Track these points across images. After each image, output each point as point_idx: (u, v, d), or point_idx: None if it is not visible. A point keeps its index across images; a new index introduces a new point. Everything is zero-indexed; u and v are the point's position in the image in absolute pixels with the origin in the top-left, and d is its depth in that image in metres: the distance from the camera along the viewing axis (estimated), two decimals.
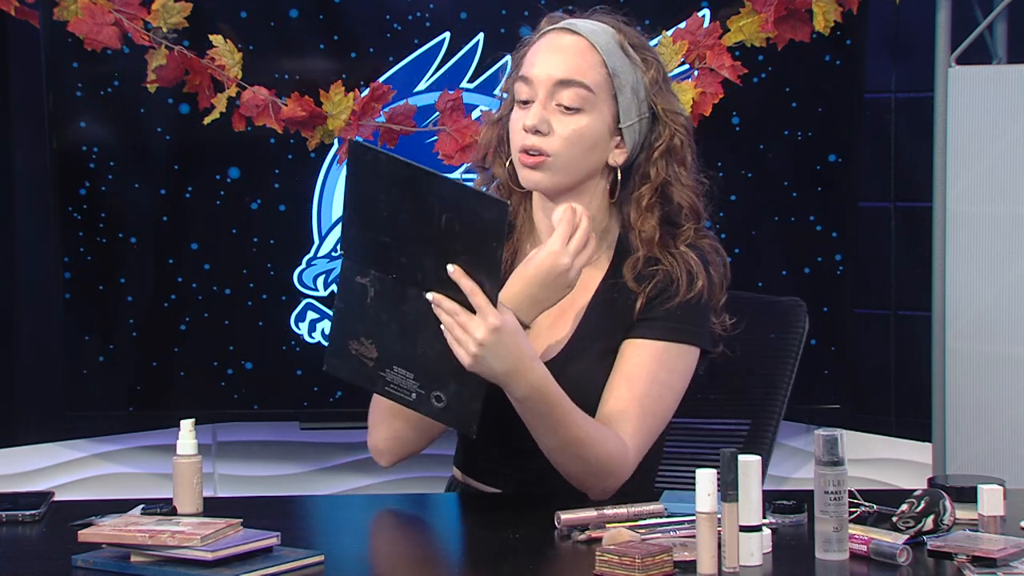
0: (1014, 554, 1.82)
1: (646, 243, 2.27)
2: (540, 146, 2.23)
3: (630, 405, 2.20)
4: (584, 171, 2.27)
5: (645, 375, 2.22)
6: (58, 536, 2.05)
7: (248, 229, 3.60)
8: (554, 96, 2.24)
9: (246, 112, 3.23)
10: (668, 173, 2.29)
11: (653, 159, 2.29)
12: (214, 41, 3.22)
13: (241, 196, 3.59)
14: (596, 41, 2.26)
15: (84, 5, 3.15)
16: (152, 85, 3.23)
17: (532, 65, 2.26)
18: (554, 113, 2.24)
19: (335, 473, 3.79)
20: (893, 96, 3.73)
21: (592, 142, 2.26)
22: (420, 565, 1.93)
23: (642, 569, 1.76)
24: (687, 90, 3.17)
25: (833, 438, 1.84)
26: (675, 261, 2.26)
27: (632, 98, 2.27)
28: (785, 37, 3.22)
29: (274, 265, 3.61)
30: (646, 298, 2.24)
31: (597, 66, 2.25)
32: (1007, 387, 3.28)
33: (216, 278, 3.60)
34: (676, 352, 2.24)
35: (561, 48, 2.26)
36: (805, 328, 2.58)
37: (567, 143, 2.24)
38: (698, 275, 2.25)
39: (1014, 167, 3.27)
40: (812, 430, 3.52)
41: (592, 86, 2.24)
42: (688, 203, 2.30)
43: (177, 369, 3.63)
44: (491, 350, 2.02)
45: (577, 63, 2.24)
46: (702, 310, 2.26)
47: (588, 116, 2.24)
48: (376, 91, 3.27)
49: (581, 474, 2.16)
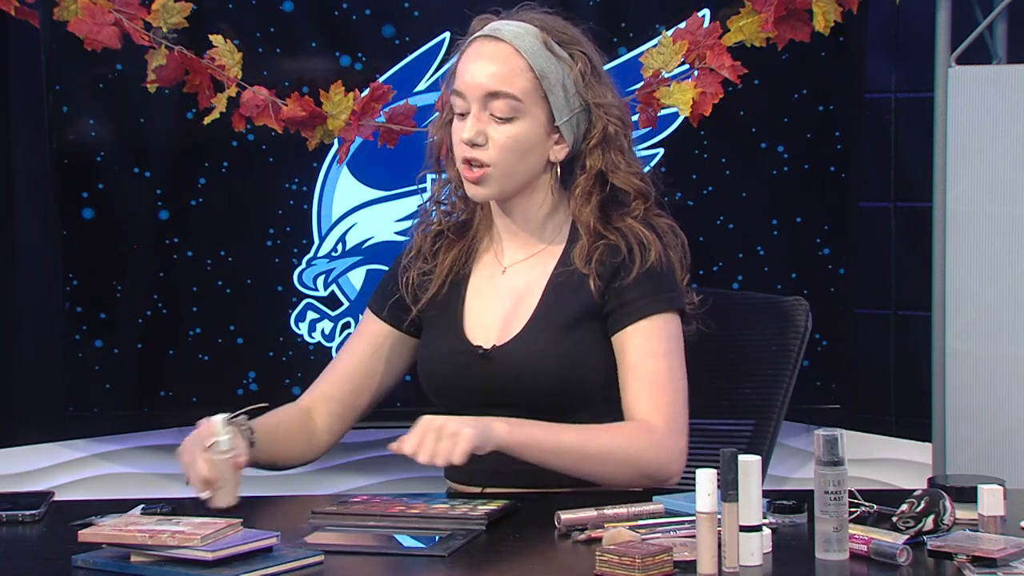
0: (1014, 554, 1.82)
1: (585, 229, 2.34)
2: (478, 157, 2.29)
3: (642, 389, 2.27)
4: (525, 174, 2.33)
5: (645, 355, 2.28)
6: (58, 536, 2.05)
7: (248, 229, 3.60)
8: (486, 107, 2.30)
9: (246, 112, 3.23)
10: (605, 162, 2.35)
11: (589, 149, 2.35)
12: (214, 41, 3.22)
13: (241, 196, 3.59)
14: (520, 45, 2.30)
15: (84, 5, 3.15)
16: (152, 85, 3.23)
17: (462, 76, 2.31)
18: (488, 123, 2.30)
19: (335, 473, 3.78)
20: (893, 96, 3.73)
21: (528, 146, 2.32)
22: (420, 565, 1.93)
23: (642, 569, 1.76)
24: (687, 90, 3.16)
25: (833, 438, 1.84)
26: (620, 235, 2.32)
27: (563, 95, 2.32)
28: (785, 37, 3.22)
29: (274, 265, 3.61)
30: (598, 276, 2.30)
31: (523, 72, 2.30)
32: (1007, 387, 3.28)
33: (216, 278, 3.61)
34: (659, 323, 2.30)
35: (486, 57, 2.30)
36: (807, 328, 2.58)
37: (504, 151, 2.30)
38: (651, 244, 2.31)
39: (1014, 167, 3.27)
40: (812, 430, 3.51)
41: (520, 95, 2.29)
42: (633, 187, 2.36)
43: (177, 369, 3.63)
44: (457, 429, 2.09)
45: (503, 72, 2.29)
46: (666, 276, 2.32)
47: (521, 122, 2.30)
48: (376, 91, 3.27)
49: (630, 478, 2.23)
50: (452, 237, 2.43)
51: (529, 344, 2.31)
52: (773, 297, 2.69)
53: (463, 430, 2.10)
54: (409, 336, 2.44)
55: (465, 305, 2.39)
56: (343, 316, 3.61)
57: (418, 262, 2.42)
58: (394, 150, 3.31)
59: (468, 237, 2.43)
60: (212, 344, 3.61)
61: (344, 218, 3.62)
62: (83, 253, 3.59)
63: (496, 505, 2.09)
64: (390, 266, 2.48)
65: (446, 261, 2.41)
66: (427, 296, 2.40)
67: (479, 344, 2.34)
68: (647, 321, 2.29)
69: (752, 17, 3.22)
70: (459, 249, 2.42)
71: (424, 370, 2.40)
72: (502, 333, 2.34)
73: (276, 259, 3.61)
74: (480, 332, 2.36)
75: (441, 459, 2.09)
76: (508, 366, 2.31)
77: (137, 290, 3.61)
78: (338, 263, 3.62)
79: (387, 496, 2.17)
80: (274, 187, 3.60)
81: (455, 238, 2.43)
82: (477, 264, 2.42)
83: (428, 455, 2.09)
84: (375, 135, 3.28)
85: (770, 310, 2.64)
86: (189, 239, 3.61)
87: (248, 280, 3.61)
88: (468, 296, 2.39)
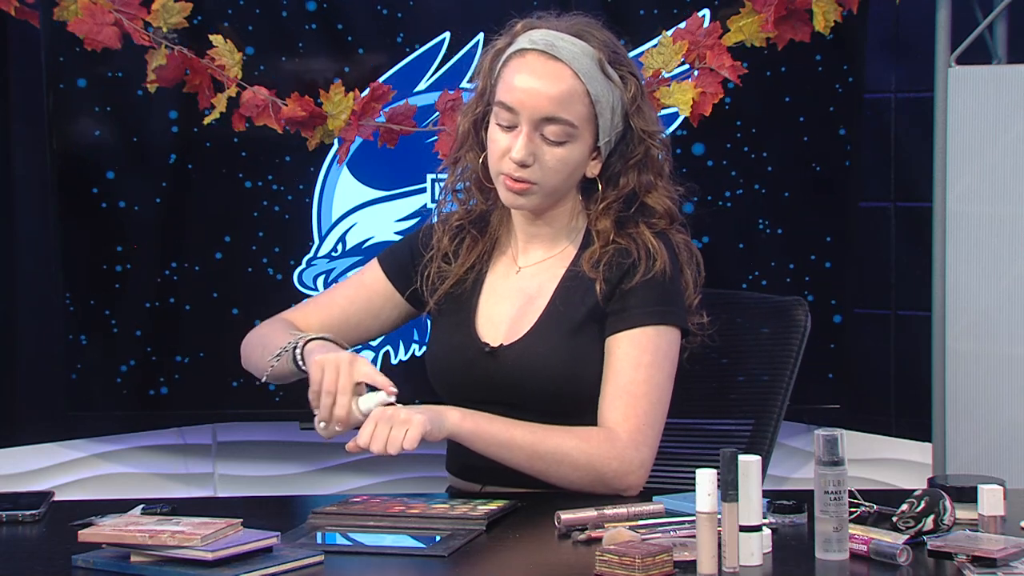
0: (1014, 554, 1.82)
1: (603, 238, 2.34)
2: (526, 176, 2.29)
3: (617, 398, 2.26)
4: (564, 191, 2.35)
5: (627, 364, 2.27)
6: (58, 536, 2.05)
7: (248, 229, 3.60)
8: (538, 127, 2.28)
9: (246, 112, 3.23)
10: (641, 183, 2.35)
11: (627, 169, 2.35)
12: (214, 41, 3.22)
13: (241, 196, 3.59)
14: (579, 68, 2.28)
15: (84, 5, 3.15)
16: (152, 85, 3.23)
17: (514, 92, 2.28)
18: (539, 144, 2.28)
19: (335, 473, 3.79)
20: (893, 96, 3.73)
21: (576, 167, 2.33)
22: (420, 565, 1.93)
23: (642, 569, 1.76)
24: (687, 90, 3.16)
25: (833, 438, 1.84)
26: (631, 240, 2.33)
27: (610, 117, 2.32)
28: (785, 37, 3.22)
29: (274, 265, 3.61)
30: (605, 281, 2.31)
31: (581, 97, 2.29)
32: (1007, 387, 3.28)
33: (216, 278, 3.60)
34: (653, 334, 2.28)
35: (546, 77, 2.27)
36: (807, 327, 2.58)
37: (553, 173, 2.30)
38: (657, 254, 2.31)
39: (1014, 167, 3.27)
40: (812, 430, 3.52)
41: (576, 121, 2.29)
42: (663, 207, 2.37)
43: (177, 369, 3.63)
44: (408, 417, 2.11)
45: (561, 97, 2.27)
46: (670, 290, 2.32)
47: (572, 146, 2.31)
48: (376, 91, 3.27)
49: (584, 483, 2.22)
50: (474, 233, 2.44)
51: (535, 345, 2.31)
52: (772, 297, 2.70)
53: (413, 416, 2.11)
54: (407, 304, 2.47)
55: (479, 302, 2.40)
56: None
57: (438, 260, 2.44)
58: (394, 150, 3.31)
59: (488, 235, 2.44)
60: (212, 344, 3.60)
61: (344, 218, 3.62)
62: (83, 253, 3.59)
63: (496, 505, 2.09)
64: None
65: (468, 259, 2.42)
66: (443, 289, 2.41)
67: (487, 341, 2.35)
68: (639, 331, 2.29)
69: (752, 17, 3.22)
70: (481, 248, 2.42)
71: (432, 363, 2.43)
72: (510, 333, 2.34)
73: (276, 259, 3.61)
74: (490, 330, 2.37)
75: (393, 447, 2.09)
76: (512, 366, 2.31)
77: (137, 290, 3.61)
78: (338, 263, 3.62)
79: (387, 496, 2.17)
80: (274, 187, 3.59)
81: (477, 234, 2.44)
82: (494, 263, 2.43)
83: (380, 445, 2.09)
84: (375, 135, 3.28)
85: (769, 310, 2.64)
86: (189, 239, 3.61)
87: (248, 280, 3.61)
88: (483, 294, 2.40)
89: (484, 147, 2.36)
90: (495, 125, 2.31)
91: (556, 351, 2.30)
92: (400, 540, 1.99)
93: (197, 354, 3.62)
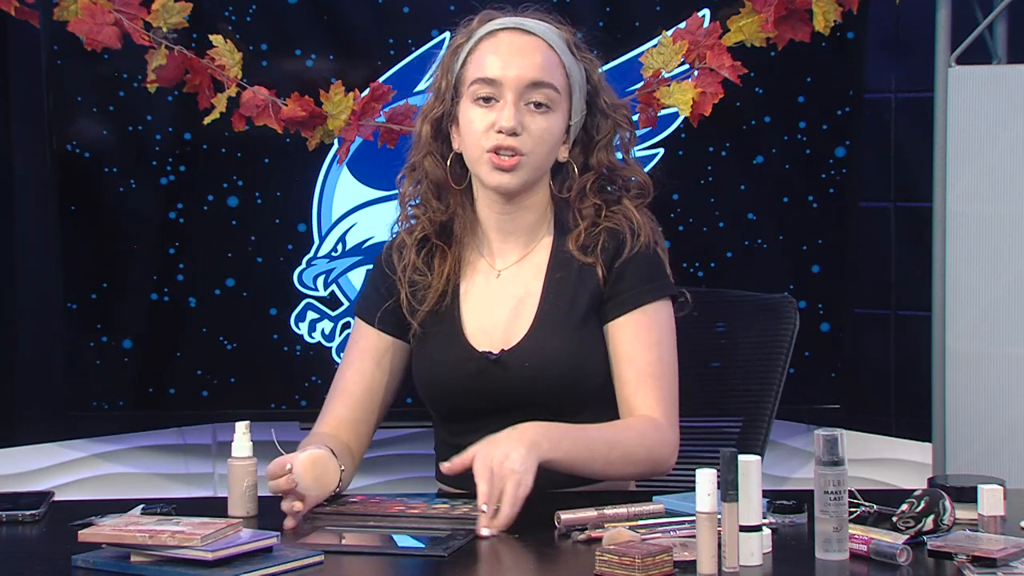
0: (1014, 554, 1.82)
1: (586, 219, 2.35)
2: (516, 146, 2.29)
3: (641, 383, 2.28)
4: (544, 169, 2.36)
5: (640, 347, 2.29)
6: (58, 536, 2.05)
7: (248, 229, 3.60)
8: (523, 96, 2.29)
9: (246, 112, 3.23)
10: (611, 160, 2.38)
11: (596, 150, 2.38)
12: (214, 41, 3.21)
13: (241, 196, 3.59)
14: (552, 42, 2.33)
15: (84, 5, 3.14)
16: (152, 85, 3.23)
17: (494, 66, 2.30)
18: (525, 112, 2.29)
19: None
20: (893, 96, 3.73)
21: (556, 139, 2.34)
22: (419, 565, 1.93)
23: (642, 569, 1.76)
24: (687, 90, 3.16)
25: (833, 438, 1.84)
26: (619, 218, 2.35)
27: (579, 96, 2.35)
28: (785, 37, 3.22)
29: (274, 265, 3.61)
30: (605, 265, 2.32)
31: (559, 67, 2.33)
32: (1007, 387, 3.28)
33: (216, 278, 3.60)
34: (652, 311, 2.31)
35: (523, 49, 2.31)
36: (796, 325, 2.59)
37: (539, 141, 2.31)
38: (640, 228, 2.34)
39: (1014, 167, 3.27)
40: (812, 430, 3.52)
41: (559, 87, 2.32)
42: (642, 179, 2.40)
43: (177, 369, 3.63)
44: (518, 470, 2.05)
45: (544, 63, 2.31)
46: (656, 262, 2.35)
47: (554, 115, 2.33)
48: (376, 91, 3.27)
49: (639, 473, 2.27)
50: (440, 244, 2.41)
51: (540, 344, 2.30)
52: (761, 295, 2.71)
53: (524, 478, 2.05)
54: (407, 343, 2.42)
55: (462, 313, 2.38)
56: (343, 316, 3.61)
57: (410, 274, 2.40)
58: (394, 150, 3.31)
59: (456, 245, 2.41)
60: (212, 344, 3.60)
61: (344, 218, 3.62)
62: (83, 253, 3.58)
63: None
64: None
65: (442, 272, 2.39)
66: (425, 308, 2.37)
67: (486, 350, 2.33)
68: (639, 311, 2.31)
69: (752, 17, 3.21)
70: (452, 258, 2.40)
71: (427, 378, 2.38)
72: (507, 338, 2.33)
73: (276, 259, 3.61)
74: (482, 338, 2.35)
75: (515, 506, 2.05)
76: (522, 369, 2.30)
77: (137, 290, 3.61)
78: (338, 263, 3.62)
79: (385, 496, 2.17)
80: (274, 187, 3.59)
81: (443, 246, 2.41)
82: (466, 272, 2.40)
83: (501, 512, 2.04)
84: (375, 135, 3.28)
85: (759, 308, 2.65)
86: (189, 239, 3.61)
87: (248, 280, 3.60)
88: (464, 304, 2.38)
89: (447, 149, 2.37)
90: (471, 105, 2.31)
91: (564, 346, 2.29)
92: (400, 540, 1.99)
93: (197, 354, 3.62)
